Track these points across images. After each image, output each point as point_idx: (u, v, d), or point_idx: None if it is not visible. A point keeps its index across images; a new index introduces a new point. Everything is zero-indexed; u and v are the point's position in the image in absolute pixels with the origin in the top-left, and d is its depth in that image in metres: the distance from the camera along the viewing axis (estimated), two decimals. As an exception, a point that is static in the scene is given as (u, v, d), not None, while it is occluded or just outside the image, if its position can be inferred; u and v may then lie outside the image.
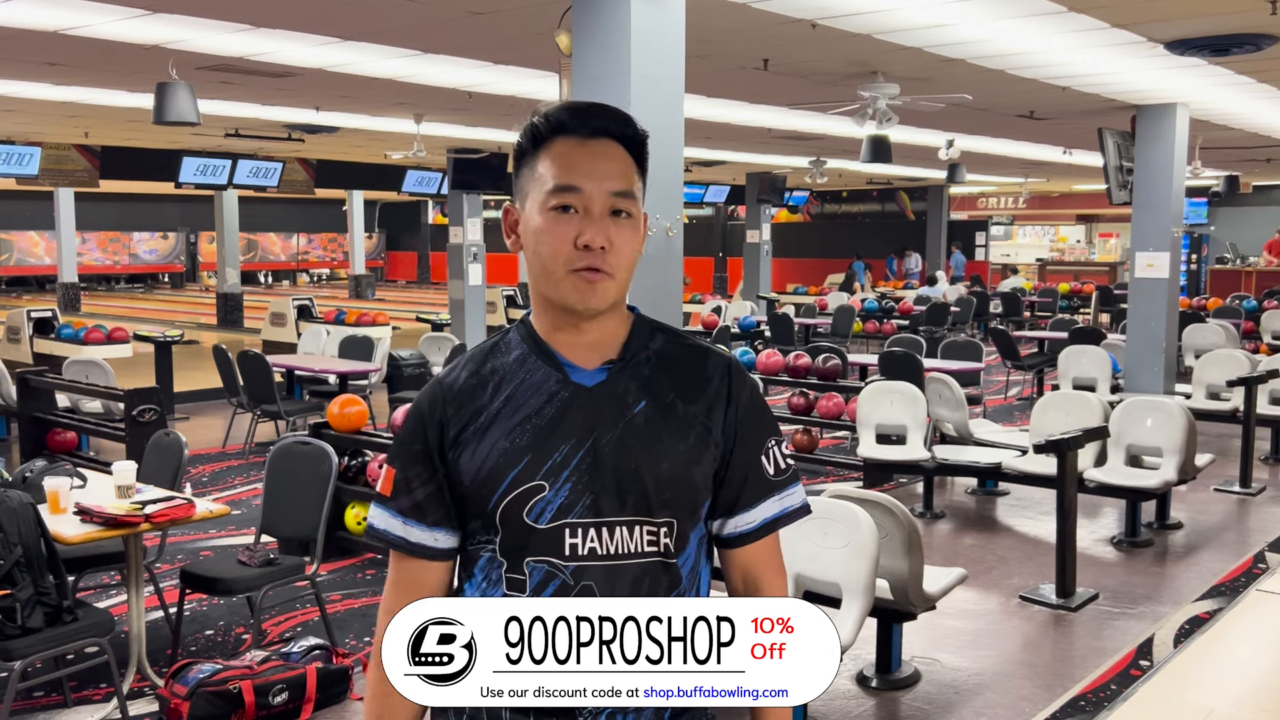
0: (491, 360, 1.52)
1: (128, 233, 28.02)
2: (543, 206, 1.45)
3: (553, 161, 1.46)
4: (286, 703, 3.85)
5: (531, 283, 1.51)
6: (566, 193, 1.44)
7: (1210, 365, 8.72)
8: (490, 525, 1.49)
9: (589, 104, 1.50)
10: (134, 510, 3.88)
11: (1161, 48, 6.54)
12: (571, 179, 1.44)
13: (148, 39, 6.53)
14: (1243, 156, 14.17)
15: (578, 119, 1.47)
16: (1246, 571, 5.64)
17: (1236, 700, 2.44)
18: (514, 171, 1.55)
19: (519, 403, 1.48)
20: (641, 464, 1.47)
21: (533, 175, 1.48)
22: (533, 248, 1.47)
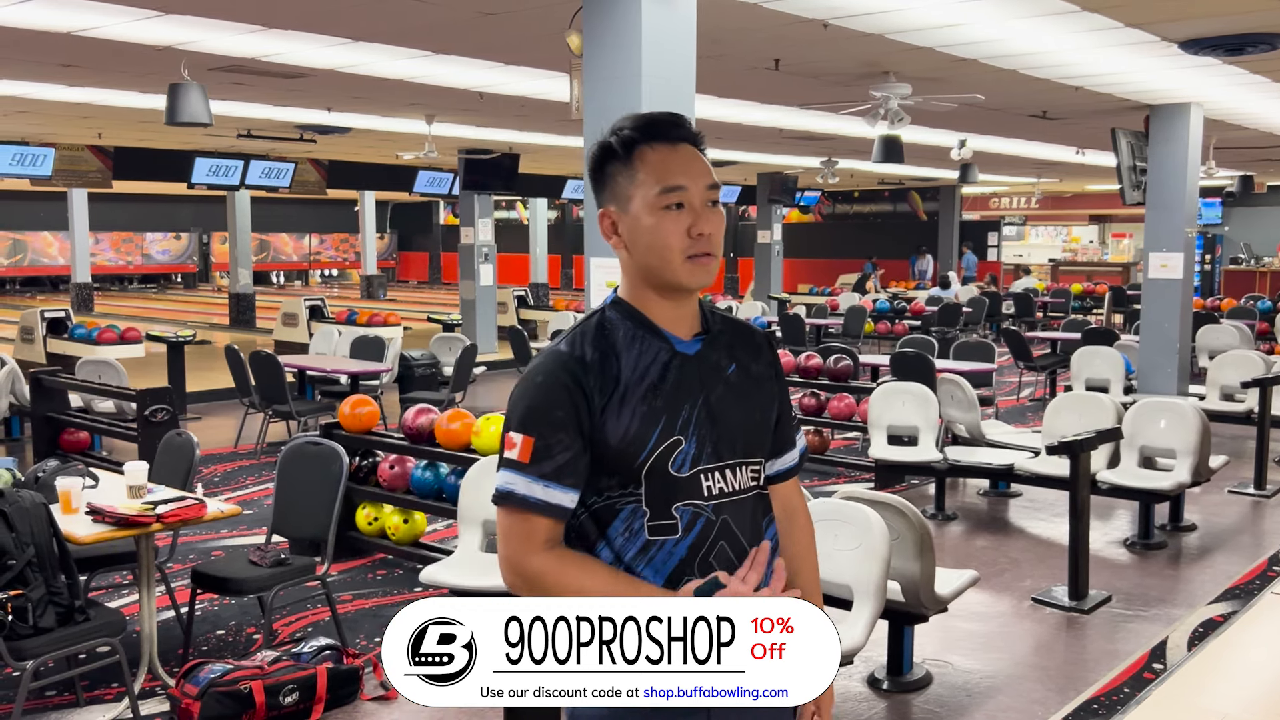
0: (605, 337, 1.71)
1: (141, 233, 28.13)
2: (653, 206, 1.69)
3: (653, 167, 1.70)
4: (297, 703, 3.85)
5: (637, 272, 1.74)
6: (674, 192, 1.69)
7: (1224, 366, 8.67)
8: (633, 480, 1.67)
9: (664, 115, 1.76)
10: (145, 510, 3.89)
11: (1175, 47, 6.50)
12: (676, 180, 1.70)
13: (160, 40, 6.55)
14: (1257, 156, 14.10)
15: (661, 129, 1.72)
16: (1261, 574, 5.60)
17: (1250, 704, 2.42)
18: (596, 181, 1.76)
19: (642, 372, 1.69)
20: (741, 415, 1.76)
21: (633, 181, 1.71)
22: (646, 242, 1.71)
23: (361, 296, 25.08)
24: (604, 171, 1.74)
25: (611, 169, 1.73)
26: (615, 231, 1.74)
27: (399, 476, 5.61)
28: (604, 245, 4.63)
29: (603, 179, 1.75)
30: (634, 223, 1.71)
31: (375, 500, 5.74)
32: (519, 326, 12.02)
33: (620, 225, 1.73)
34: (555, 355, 1.70)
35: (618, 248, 1.75)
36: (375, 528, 5.72)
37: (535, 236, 21.23)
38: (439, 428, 5.40)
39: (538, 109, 9.30)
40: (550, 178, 17.63)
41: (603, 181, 1.75)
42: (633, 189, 1.71)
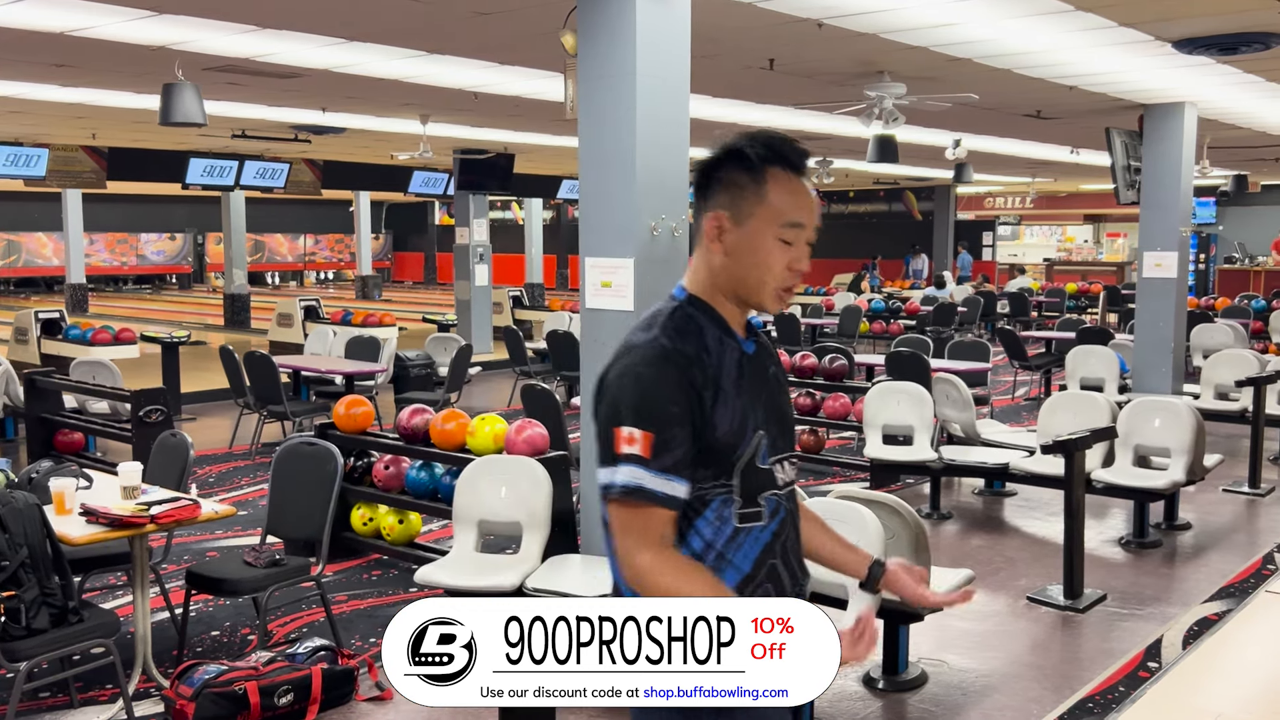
0: (695, 332, 1.76)
1: (135, 234, 28.09)
2: (774, 234, 1.76)
3: (782, 195, 1.76)
4: (292, 704, 3.84)
5: (724, 277, 1.79)
6: (795, 228, 1.77)
7: (1219, 365, 8.68)
8: (727, 471, 1.73)
9: (795, 142, 1.80)
10: (139, 511, 3.88)
11: (1169, 46, 6.51)
12: (800, 216, 1.78)
13: (154, 40, 6.54)
14: (1251, 156, 14.12)
15: (793, 156, 1.78)
16: (1256, 573, 5.61)
17: (1245, 703, 2.42)
18: (711, 182, 1.79)
19: (727, 369, 1.75)
20: (787, 410, 1.89)
21: (760, 200, 1.76)
22: (751, 262, 1.77)
23: (357, 297, 25.05)
24: (724, 177, 1.78)
25: (736, 177, 1.77)
26: (719, 237, 1.78)
27: (394, 477, 5.61)
28: (599, 245, 4.63)
29: (720, 184, 1.79)
30: (746, 240, 1.77)
31: (370, 501, 5.73)
32: (514, 327, 12.00)
33: (728, 235, 1.78)
34: (658, 348, 1.71)
35: (714, 250, 1.79)
36: (370, 528, 5.71)
37: (530, 237, 21.22)
38: (434, 428, 5.39)
39: (533, 109, 9.29)
40: (545, 178, 17.62)
41: (719, 186, 1.79)
42: (758, 208, 1.76)
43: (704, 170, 1.81)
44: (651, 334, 1.74)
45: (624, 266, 4.61)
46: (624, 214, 4.59)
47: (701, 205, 1.82)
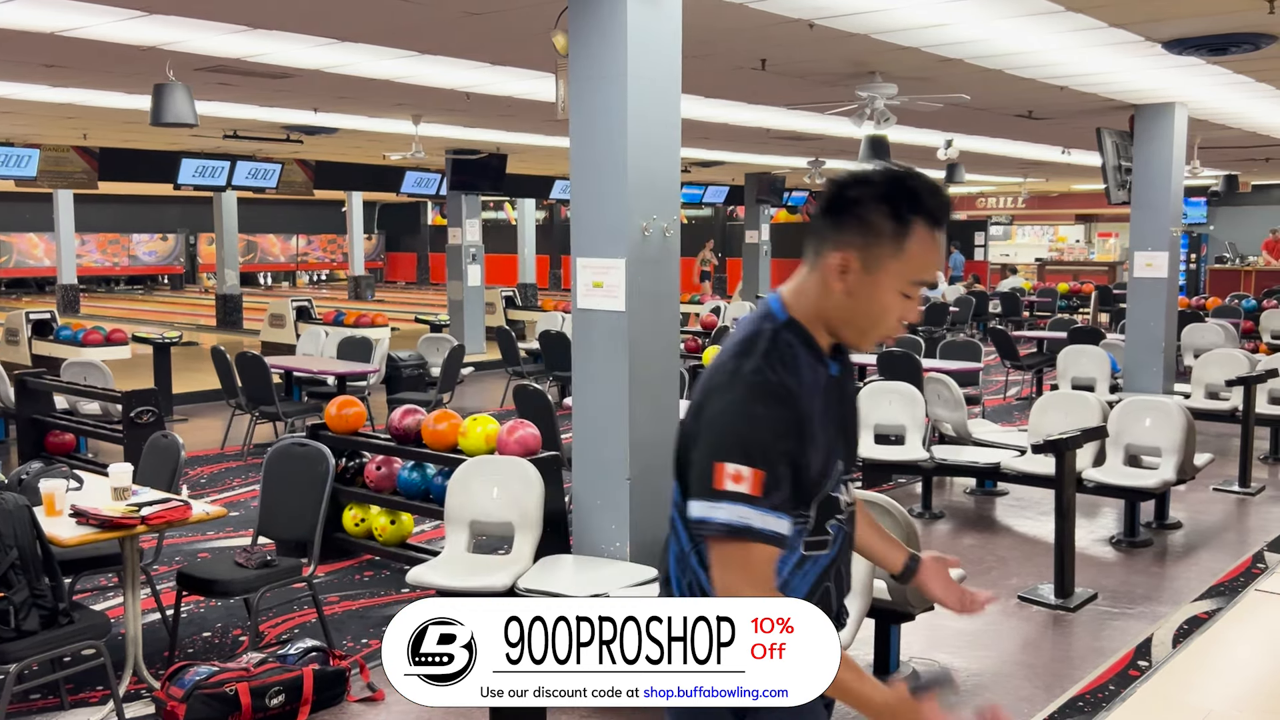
0: (792, 363, 1.72)
1: (127, 234, 27.99)
2: (899, 289, 1.72)
3: (920, 252, 1.70)
4: (283, 705, 3.84)
5: (832, 311, 1.75)
6: (921, 286, 1.74)
7: (1209, 365, 8.72)
8: (807, 504, 1.72)
9: (943, 194, 1.74)
10: (130, 512, 3.87)
11: (1159, 47, 6.53)
12: (929, 276, 1.74)
13: (144, 40, 6.52)
14: (1241, 156, 14.17)
15: (942, 212, 1.73)
16: (1245, 571, 5.63)
17: (1235, 701, 2.43)
18: (847, 214, 1.71)
19: (819, 399, 1.73)
20: (856, 429, 1.89)
21: (897, 254, 1.70)
22: (868, 309, 1.73)
23: (349, 297, 25.02)
24: (865, 215, 1.70)
25: (878, 222, 1.69)
26: (843, 276, 1.72)
27: (385, 477, 5.60)
28: (590, 245, 4.62)
29: (857, 222, 1.70)
30: (871, 288, 1.72)
31: (362, 501, 5.73)
32: (507, 327, 12.00)
33: (852, 277, 1.72)
34: (765, 383, 1.67)
35: (834, 287, 1.73)
36: (362, 529, 5.71)
37: (523, 237, 21.21)
38: (426, 428, 5.39)
39: (525, 109, 9.29)
40: (538, 178, 17.61)
41: (856, 223, 1.70)
42: (892, 261, 1.70)
43: (843, 197, 1.72)
44: (754, 363, 1.68)
45: (615, 267, 4.62)
46: (615, 214, 4.59)
47: (829, 232, 1.73)
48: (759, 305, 1.85)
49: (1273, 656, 2.76)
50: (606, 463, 4.71)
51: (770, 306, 1.79)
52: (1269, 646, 2.81)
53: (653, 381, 4.75)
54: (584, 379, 4.83)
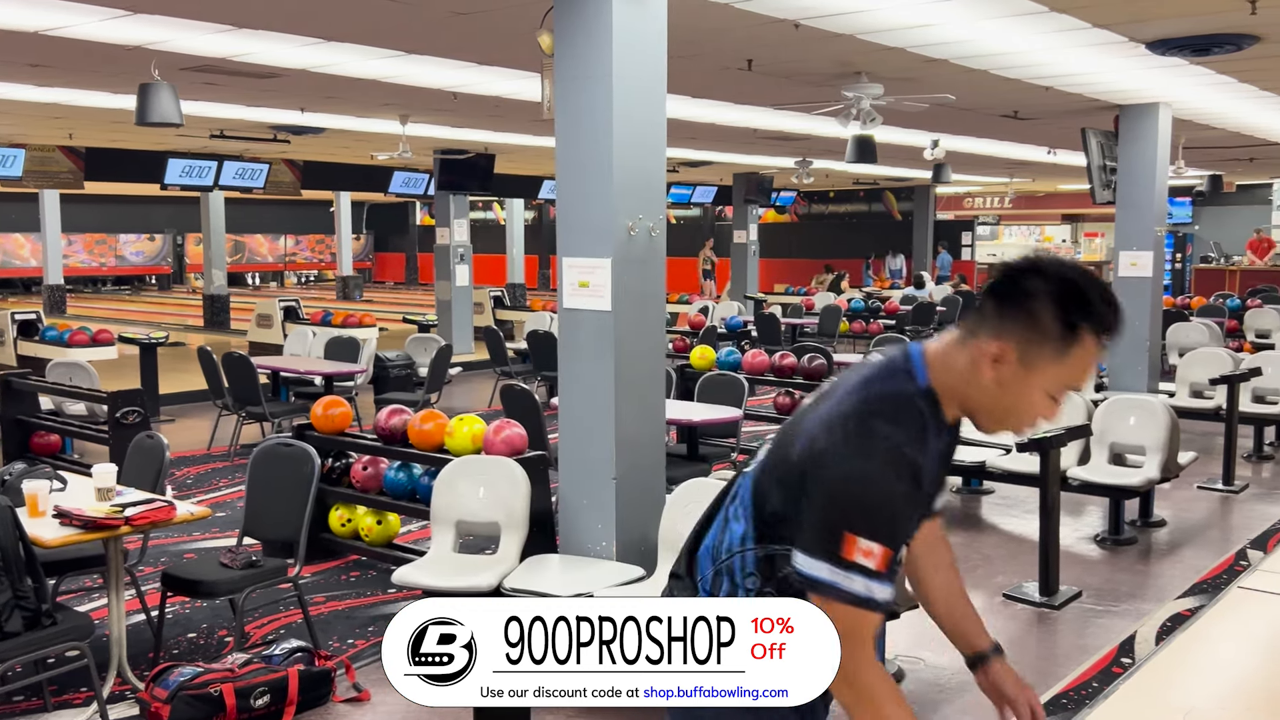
0: (923, 436, 1.70)
1: (114, 235, 27.88)
2: (1049, 390, 1.69)
3: (1081, 362, 1.67)
4: (268, 705, 3.83)
5: (974, 396, 1.73)
6: (1071, 390, 1.72)
7: (1194, 363, 8.75)
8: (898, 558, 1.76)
9: (1117, 307, 1.69)
10: (113, 513, 3.86)
11: (1143, 48, 6.56)
12: (1082, 382, 1.72)
13: (129, 40, 6.50)
14: (1225, 156, 14.24)
15: (1114, 327, 1.68)
16: (1228, 569, 5.66)
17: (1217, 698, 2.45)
18: (1015, 303, 1.66)
19: (933, 470, 1.74)
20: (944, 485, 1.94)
21: (1058, 360, 1.66)
22: (1013, 405, 1.72)
23: (337, 297, 24.95)
24: (1035, 310, 1.65)
25: (1047, 324, 1.64)
26: (995, 365, 1.68)
27: (372, 478, 5.60)
28: (576, 245, 4.63)
29: (1025, 315, 1.65)
30: (1021, 384, 1.69)
31: (348, 501, 5.72)
32: (495, 327, 11.99)
33: (1005, 370, 1.68)
34: (900, 458, 1.65)
35: (984, 373, 1.69)
36: (348, 529, 5.70)
37: (512, 237, 21.19)
38: (412, 428, 5.38)
39: (512, 109, 9.28)
40: (526, 178, 17.60)
41: (1024, 316, 1.65)
42: (1051, 365, 1.66)
43: (1015, 286, 1.67)
44: (892, 431, 1.65)
45: (601, 266, 4.62)
46: (601, 214, 4.59)
47: (992, 316, 1.68)
48: (899, 353, 1.78)
49: (1254, 653, 2.78)
50: (592, 462, 4.71)
51: (913, 364, 1.74)
52: (1251, 643, 2.83)
53: (639, 381, 4.75)
54: (570, 379, 4.84)
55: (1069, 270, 1.67)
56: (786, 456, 1.73)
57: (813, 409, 1.76)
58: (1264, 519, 6.67)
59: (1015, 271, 1.68)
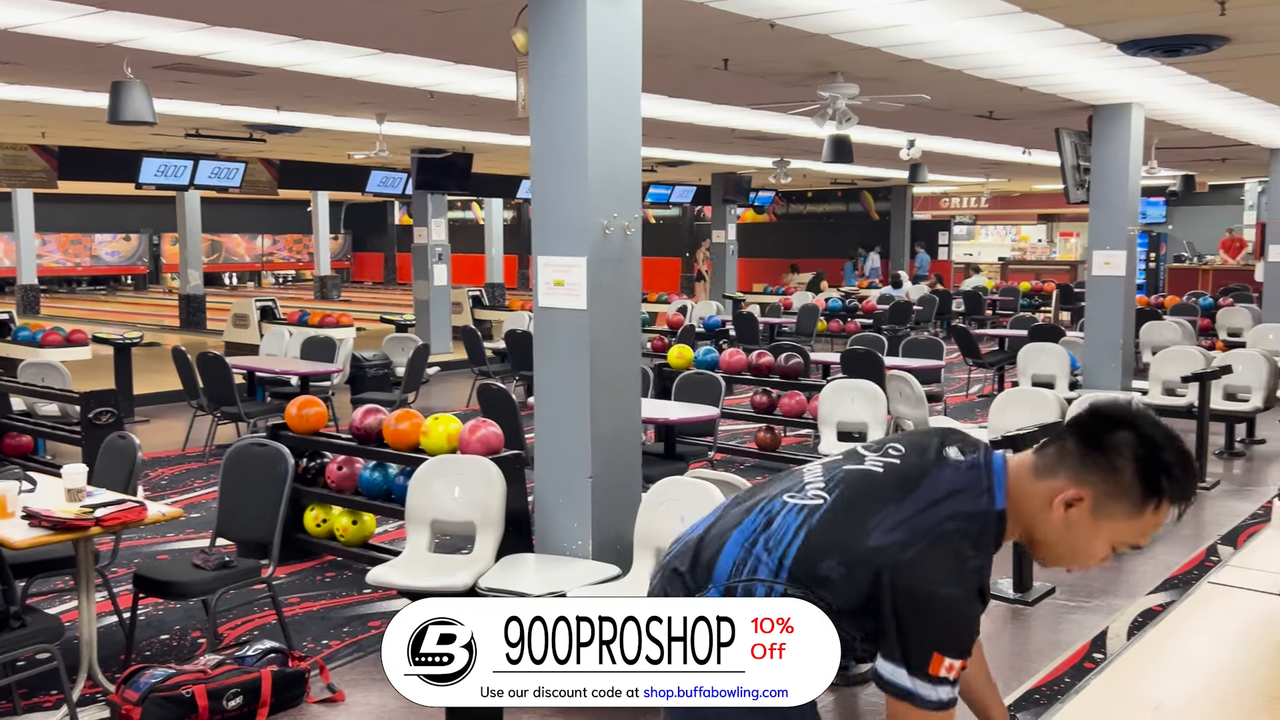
0: (990, 556, 1.75)
1: (89, 234, 27.66)
2: (1114, 542, 1.74)
3: (1151, 523, 1.71)
4: (241, 707, 3.81)
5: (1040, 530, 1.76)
6: (1132, 547, 1.77)
7: (1166, 361, 8.82)
8: None
9: (1197, 480, 1.74)
10: (83, 514, 3.83)
11: (1115, 48, 6.61)
12: (1145, 541, 1.76)
13: (101, 37, 6.45)
14: (1198, 156, 14.36)
15: (1189, 498, 1.72)
16: (1199, 564, 5.72)
17: (1187, 692, 2.47)
18: (1097, 448, 1.69)
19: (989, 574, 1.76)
20: None
21: (1130, 517, 1.70)
22: (1074, 546, 1.75)
23: (315, 297, 24.84)
24: (1120, 468, 1.67)
25: (1129, 485, 1.67)
26: (1067, 509, 1.71)
27: (347, 478, 5.57)
28: (551, 244, 4.62)
29: (1108, 468, 1.68)
30: (1091, 530, 1.72)
31: (323, 502, 5.69)
32: (473, 326, 11.96)
33: (1076, 514, 1.71)
34: (980, 585, 1.71)
35: (1055, 512, 1.72)
36: (324, 529, 5.67)
37: (491, 236, 21.16)
38: (387, 428, 5.37)
39: (489, 108, 9.26)
40: (505, 177, 17.56)
41: (1106, 468, 1.68)
42: (1123, 522, 1.70)
43: (1103, 436, 1.69)
44: (977, 556, 1.70)
45: (577, 265, 4.62)
46: (576, 213, 4.59)
47: (1074, 459, 1.70)
48: (983, 465, 1.77)
49: (1224, 647, 2.80)
50: (568, 461, 4.71)
51: (995, 483, 1.75)
52: (1220, 637, 2.85)
53: (614, 380, 4.76)
54: (546, 377, 4.83)
55: (1157, 432, 1.69)
56: (857, 537, 1.71)
57: (887, 492, 1.75)
58: (1235, 515, 6.74)
59: (1106, 420, 1.70)
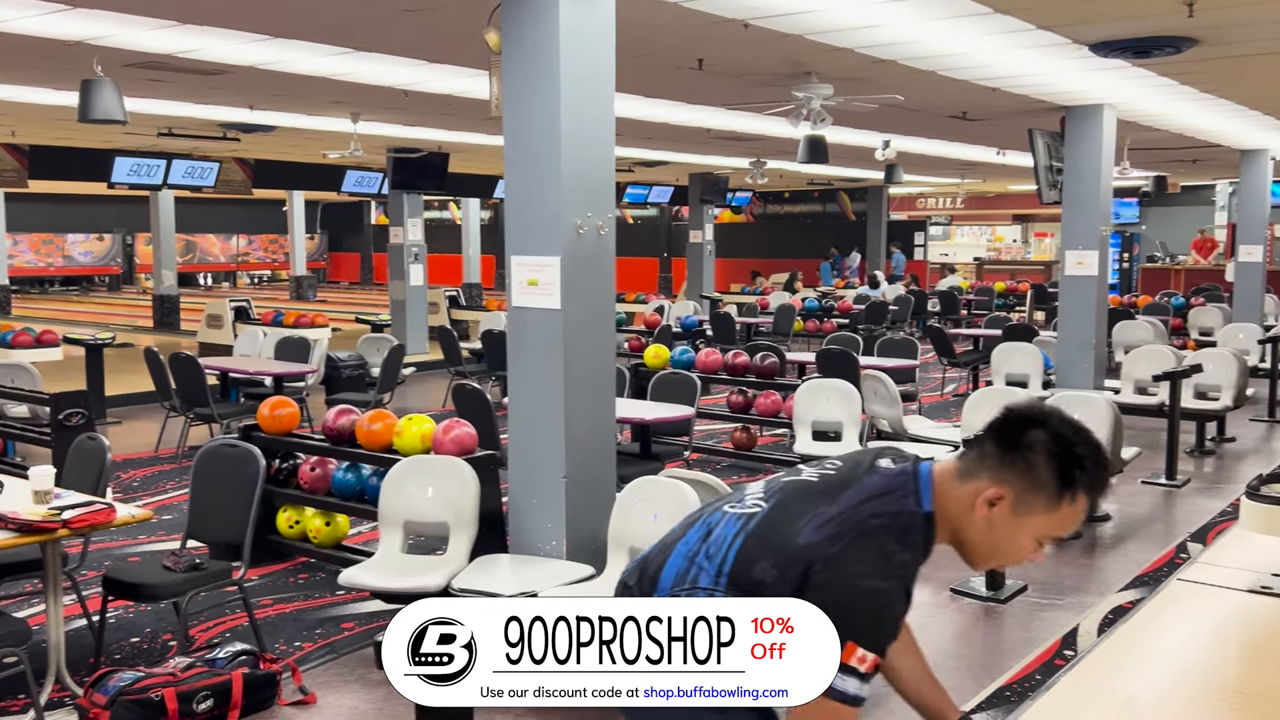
0: (919, 557, 1.80)
1: (61, 234, 27.40)
2: (1036, 536, 1.80)
3: (1070, 515, 1.77)
4: (211, 710, 3.78)
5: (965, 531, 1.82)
6: (1054, 539, 1.82)
7: (1138, 360, 8.89)
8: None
9: (1109, 471, 1.81)
10: (51, 516, 3.79)
11: (1086, 49, 6.66)
12: (1066, 532, 1.82)
13: (70, 35, 6.39)
14: (1169, 157, 14.49)
15: (1102, 489, 1.79)
16: (1169, 561, 5.77)
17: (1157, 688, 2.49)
18: (1017, 453, 1.75)
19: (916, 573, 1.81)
20: None
21: (1049, 511, 1.76)
22: (998, 545, 1.82)
23: (291, 298, 24.70)
24: (1035, 464, 1.74)
25: (1045, 478, 1.74)
26: (990, 508, 1.78)
27: (320, 479, 5.54)
28: (525, 244, 4.61)
29: (1025, 465, 1.75)
30: (1012, 528, 1.79)
31: (296, 503, 5.66)
32: (449, 327, 11.92)
33: (999, 513, 1.78)
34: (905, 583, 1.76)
35: (978, 509, 1.78)
36: (297, 531, 5.64)
37: (468, 236, 21.11)
38: (360, 428, 5.34)
39: (464, 107, 9.23)
40: (481, 177, 17.51)
41: (1024, 465, 1.75)
42: (1042, 516, 1.77)
43: (1017, 436, 1.77)
44: (902, 554, 1.75)
45: (550, 265, 4.61)
46: (549, 212, 4.58)
47: (993, 460, 1.77)
48: (910, 470, 1.84)
49: (1192, 643, 2.83)
50: (542, 461, 4.70)
51: (921, 486, 1.82)
52: (1189, 633, 2.88)
53: (588, 379, 4.75)
54: (519, 377, 4.82)
55: (1068, 428, 1.77)
56: (789, 537, 1.75)
57: (819, 495, 1.80)
58: (1205, 512, 6.81)
59: (1020, 421, 1.78)
